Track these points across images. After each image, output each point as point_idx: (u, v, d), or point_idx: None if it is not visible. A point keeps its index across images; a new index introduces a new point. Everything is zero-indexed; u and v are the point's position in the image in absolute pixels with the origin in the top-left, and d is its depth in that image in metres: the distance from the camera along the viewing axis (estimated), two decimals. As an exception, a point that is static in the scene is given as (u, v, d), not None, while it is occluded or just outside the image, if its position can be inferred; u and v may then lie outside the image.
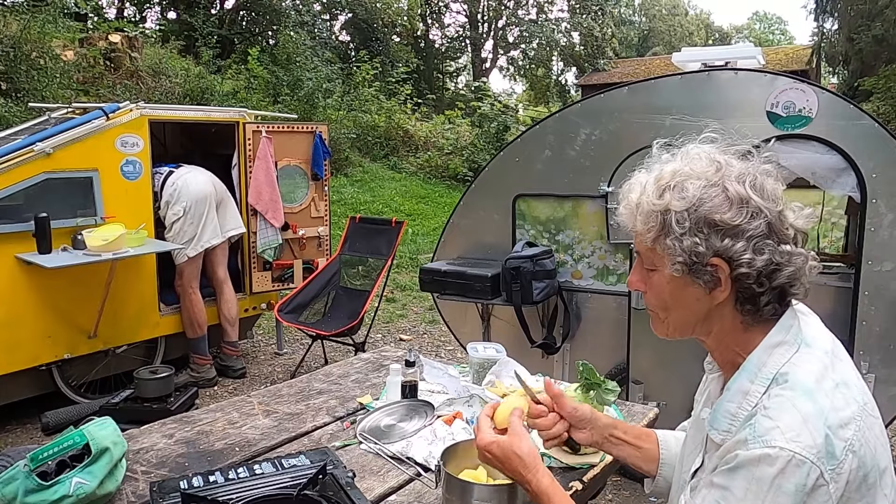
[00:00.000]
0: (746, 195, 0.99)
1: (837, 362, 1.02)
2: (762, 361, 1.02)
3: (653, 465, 1.40)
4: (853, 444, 0.93)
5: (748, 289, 1.01)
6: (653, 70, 21.28)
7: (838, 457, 0.92)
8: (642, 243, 1.08)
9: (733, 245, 0.99)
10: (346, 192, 11.25)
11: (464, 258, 3.87)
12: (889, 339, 2.94)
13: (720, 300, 1.03)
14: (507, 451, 1.23)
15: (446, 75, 28.46)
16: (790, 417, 0.94)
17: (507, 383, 1.98)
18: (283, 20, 17.28)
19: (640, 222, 1.06)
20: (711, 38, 41.44)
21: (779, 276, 1.00)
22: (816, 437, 0.91)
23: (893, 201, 2.88)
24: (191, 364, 4.43)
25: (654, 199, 1.04)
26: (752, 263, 0.98)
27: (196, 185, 4.27)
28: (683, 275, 1.03)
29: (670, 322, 1.11)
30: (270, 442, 1.76)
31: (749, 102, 3.06)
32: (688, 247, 1.01)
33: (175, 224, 4.21)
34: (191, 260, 4.27)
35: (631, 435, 1.41)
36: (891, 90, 13.91)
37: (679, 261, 1.02)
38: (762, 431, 0.94)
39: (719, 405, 1.05)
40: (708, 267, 1.01)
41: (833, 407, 0.94)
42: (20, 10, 9.40)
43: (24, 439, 3.71)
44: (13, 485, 1.37)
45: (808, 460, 0.90)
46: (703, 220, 1.00)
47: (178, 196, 4.20)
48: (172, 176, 4.26)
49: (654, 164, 1.10)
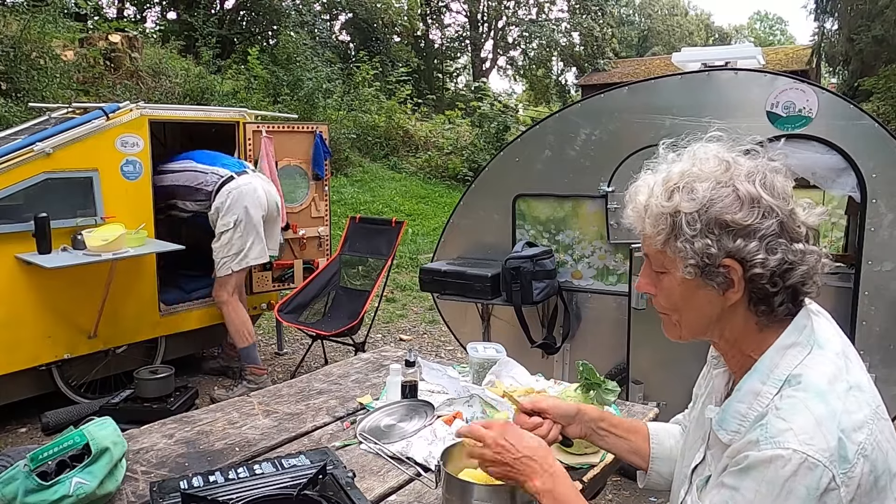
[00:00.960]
0: (757, 194, 0.98)
1: (850, 365, 1.01)
2: (774, 363, 1.01)
3: (643, 458, 1.40)
4: (865, 447, 0.92)
5: (762, 289, 1.00)
6: (653, 70, 21.28)
7: (850, 460, 0.91)
8: (651, 246, 1.06)
9: (746, 245, 0.98)
10: (347, 192, 11.25)
11: (464, 258, 3.87)
12: (889, 339, 2.94)
13: (733, 301, 1.02)
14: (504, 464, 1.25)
15: (446, 75, 28.47)
16: (803, 419, 0.93)
17: (507, 383, 1.98)
18: (283, 20, 17.28)
19: (648, 225, 1.05)
20: (711, 38, 41.43)
21: (792, 275, 0.99)
22: (830, 440, 0.91)
23: (893, 201, 2.88)
24: (246, 375, 4.28)
25: (663, 202, 1.02)
26: (766, 263, 0.97)
27: (252, 200, 4.09)
28: (695, 277, 1.02)
29: (682, 324, 1.10)
30: (270, 442, 1.76)
31: (749, 102, 3.07)
32: (699, 248, 0.99)
33: (224, 234, 4.08)
34: (234, 274, 4.16)
35: (621, 428, 1.42)
36: (891, 90, 13.90)
37: (691, 263, 1.01)
38: (775, 433, 0.93)
39: (728, 405, 1.04)
40: (720, 268, 1.00)
41: (846, 410, 0.94)
42: (20, 10, 9.40)
43: (24, 439, 3.71)
44: (13, 485, 1.37)
45: (821, 463, 0.89)
46: (715, 220, 0.99)
47: (230, 207, 4.05)
48: (231, 184, 4.09)
49: (661, 164, 1.09)
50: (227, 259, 4.11)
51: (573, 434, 1.41)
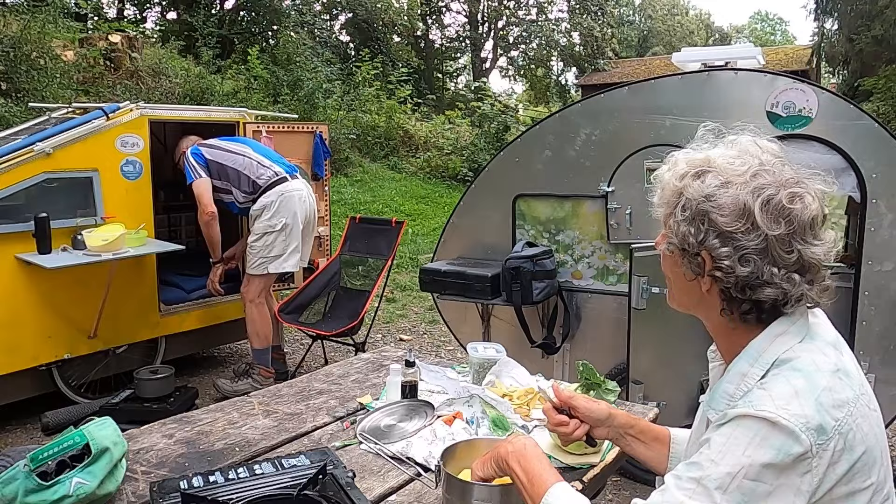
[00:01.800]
0: (751, 209, 0.99)
1: (841, 356, 1.03)
2: (763, 347, 1.03)
3: (664, 466, 1.40)
4: (843, 426, 0.93)
5: (726, 291, 1.04)
6: (653, 70, 21.28)
7: (828, 433, 0.92)
8: (661, 213, 1.13)
9: (720, 247, 1.01)
10: (346, 192, 11.25)
11: (464, 258, 3.87)
12: (889, 339, 2.94)
13: (707, 288, 1.06)
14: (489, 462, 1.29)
15: (446, 75, 28.46)
16: (782, 388, 0.95)
17: (507, 383, 1.98)
18: (283, 20, 17.28)
19: (658, 195, 1.12)
20: (711, 38, 41.43)
21: (759, 293, 1.01)
22: (806, 408, 0.92)
23: (893, 201, 2.88)
24: (253, 374, 4.26)
25: (675, 180, 1.08)
26: (732, 271, 1.00)
27: (302, 207, 4.08)
28: (674, 254, 1.09)
29: (672, 293, 1.17)
30: (270, 442, 1.76)
31: (749, 102, 3.06)
32: (682, 232, 1.05)
33: (269, 235, 4.01)
34: (269, 275, 4.14)
35: (648, 436, 1.42)
36: (891, 90, 13.90)
37: (673, 241, 1.08)
38: (753, 399, 0.96)
39: (717, 386, 1.07)
40: (696, 257, 1.04)
41: (828, 388, 0.95)
42: (20, 10, 9.41)
43: (24, 439, 3.71)
44: (13, 485, 1.37)
45: (796, 428, 0.91)
46: (704, 214, 1.02)
47: (280, 209, 3.99)
48: (284, 185, 4.03)
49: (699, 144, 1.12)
50: (265, 260, 4.06)
51: (600, 436, 1.44)
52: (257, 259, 4.07)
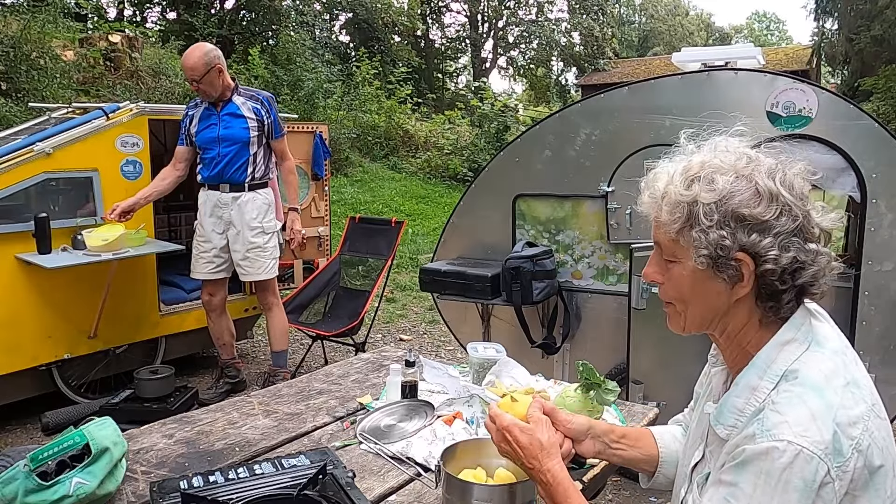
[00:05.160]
0: (777, 191, 0.98)
1: (848, 362, 1.01)
2: (772, 358, 1.02)
3: (653, 464, 1.40)
4: (860, 442, 0.93)
5: (771, 285, 1.00)
6: (653, 70, 21.28)
7: (845, 454, 0.91)
8: (666, 234, 1.06)
9: (760, 241, 0.98)
10: (346, 192, 11.25)
11: (464, 258, 3.87)
12: (889, 339, 2.94)
13: (741, 296, 1.03)
14: (531, 435, 1.21)
15: (446, 75, 28.46)
16: (798, 412, 0.93)
17: (507, 383, 1.98)
18: (284, 20, 17.28)
19: (665, 212, 1.05)
20: (711, 39, 41.45)
21: (802, 275, 1.00)
22: (825, 432, 0.91)
23: (893, 201, 2.88)
24: (277, 379, 4.07)
25: (681, 190, 1.02)
26: (778, 260, 0.98)
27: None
28: (707, 268, 1.02)
29: (687, 316, 1.10)
30: (270, 442, 1.76)
31: (749, 102, 3.06)
32: (714, 240, 0.99)
33: (273, 235, 3.99)
34: (274, 277, 4.11)
35: (630, 438, 1.40)
36: (891, 90, 13.92)
37: (703, 253, 1.01)
38: (770, 426, 0.94)
39: (725, 400, 1.05)
40: (732, 261, 1.00)
41: (842, 405, 0.94)
42: (20, 10, 9.41)
43: (24, 439, 3.71)
44: (13, 485, 1.37)
45: (816, 456, 0.90)
46: (732, 213, 0.99)
47: (279, 209, 4.03)
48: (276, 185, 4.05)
49: (681, 154, 1.10)
50: (274, 262, 4.04)
51: (587, 452, 1.34)
52: (269, 260, 4.02)
